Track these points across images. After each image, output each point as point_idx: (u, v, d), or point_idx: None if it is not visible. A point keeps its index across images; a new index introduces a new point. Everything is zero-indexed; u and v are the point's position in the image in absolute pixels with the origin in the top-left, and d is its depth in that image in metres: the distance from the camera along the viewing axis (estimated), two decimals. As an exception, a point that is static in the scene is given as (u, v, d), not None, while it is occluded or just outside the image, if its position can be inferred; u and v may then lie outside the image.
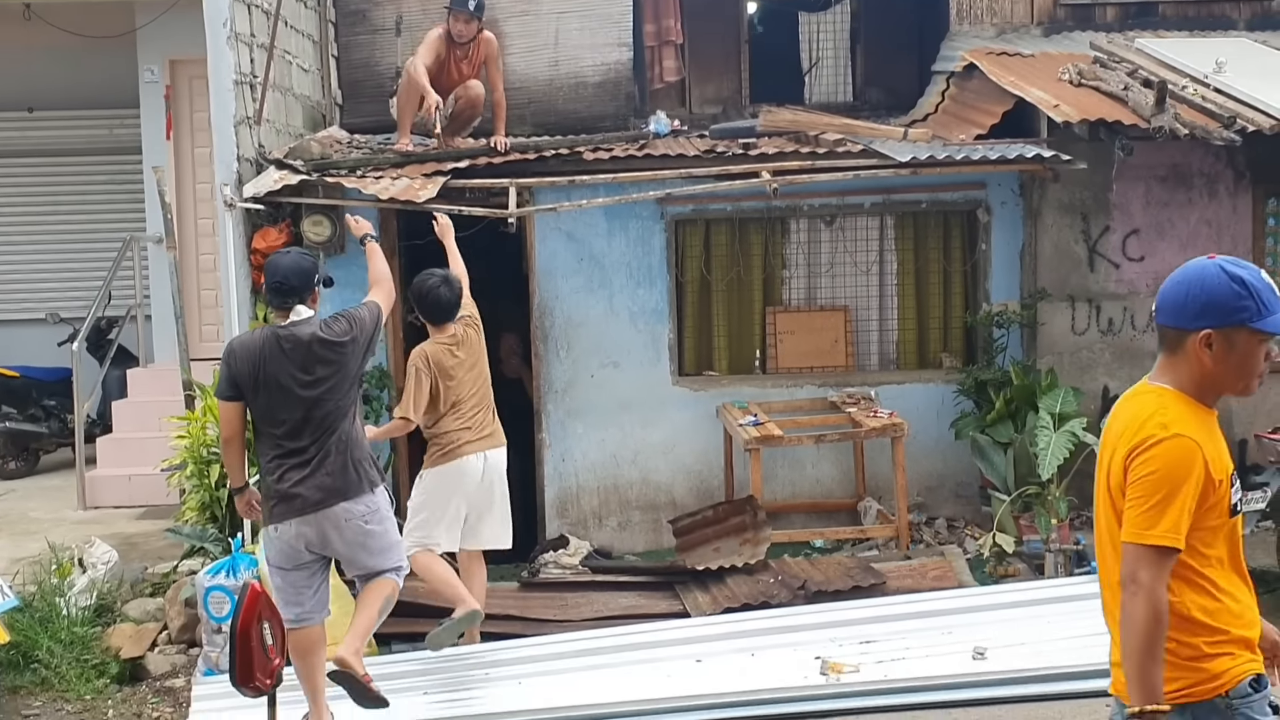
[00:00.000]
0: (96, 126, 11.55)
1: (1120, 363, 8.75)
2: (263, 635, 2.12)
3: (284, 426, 5.50)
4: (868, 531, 8.26)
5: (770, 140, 8.79)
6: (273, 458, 5.54)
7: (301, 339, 5.52)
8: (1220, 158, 8.63)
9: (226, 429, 5.62)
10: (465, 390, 6.64)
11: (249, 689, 2.14)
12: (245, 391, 5.51)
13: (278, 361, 5.47)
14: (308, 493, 5.48)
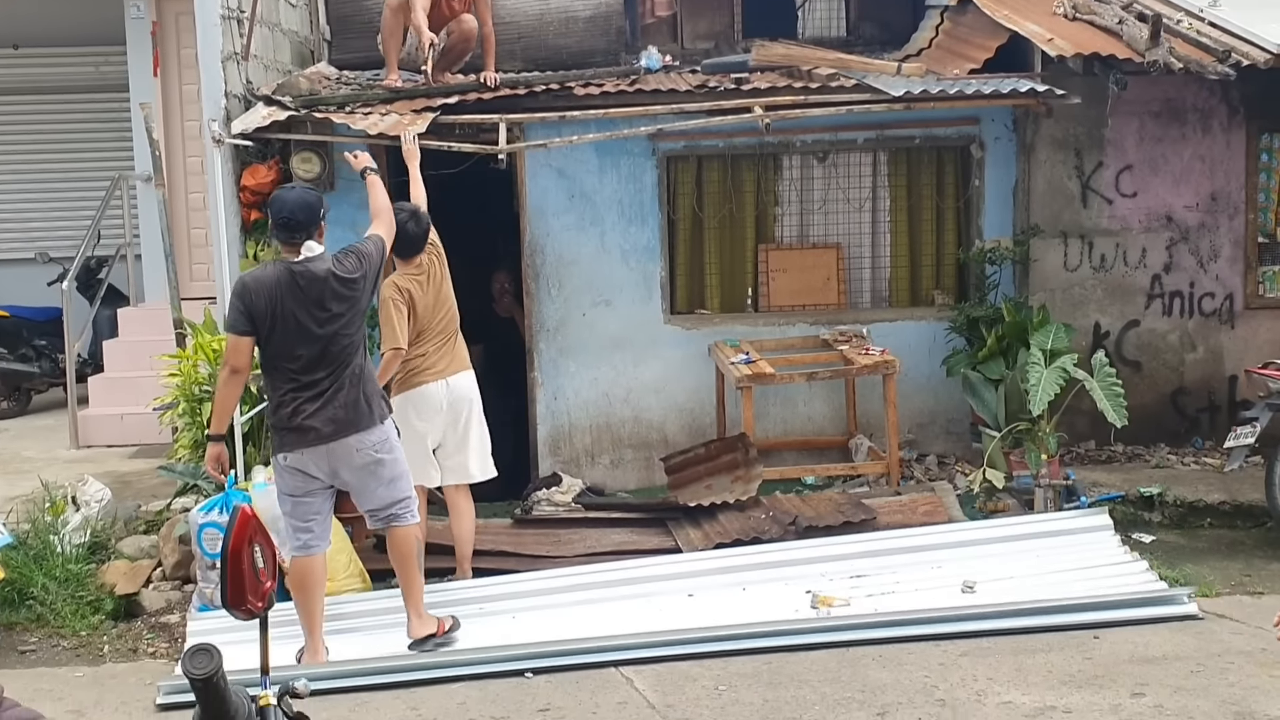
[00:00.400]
0: (83, 64, 11.45)
1: (1112, 299, 8.76)
2: (254, 557, 2.12)
3: (300, 362, 5.64)
4: (859, 468, 8.30)
5: (763, 75, 8.72)
6: (286, 391, 5.67)
7: (318, 275, 5.63)
8: (1214, 93, 8.58)
9: (235, 361, 5.69)
10: (429, 320, 6.69)
11: (240, 612, 2.14)
12: (259, 327, 5.61)
13: (294, 298, 5.58)
14: (320, 425, 5.63)
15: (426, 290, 6.69)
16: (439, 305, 6.75)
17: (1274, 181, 8.89)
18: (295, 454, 5.69)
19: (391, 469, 5.88)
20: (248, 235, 8.20)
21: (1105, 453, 8.64)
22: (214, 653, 2.01)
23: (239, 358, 5.67)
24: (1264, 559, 7.14)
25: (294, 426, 5.65)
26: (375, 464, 5.80)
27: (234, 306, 5.69)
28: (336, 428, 5.66)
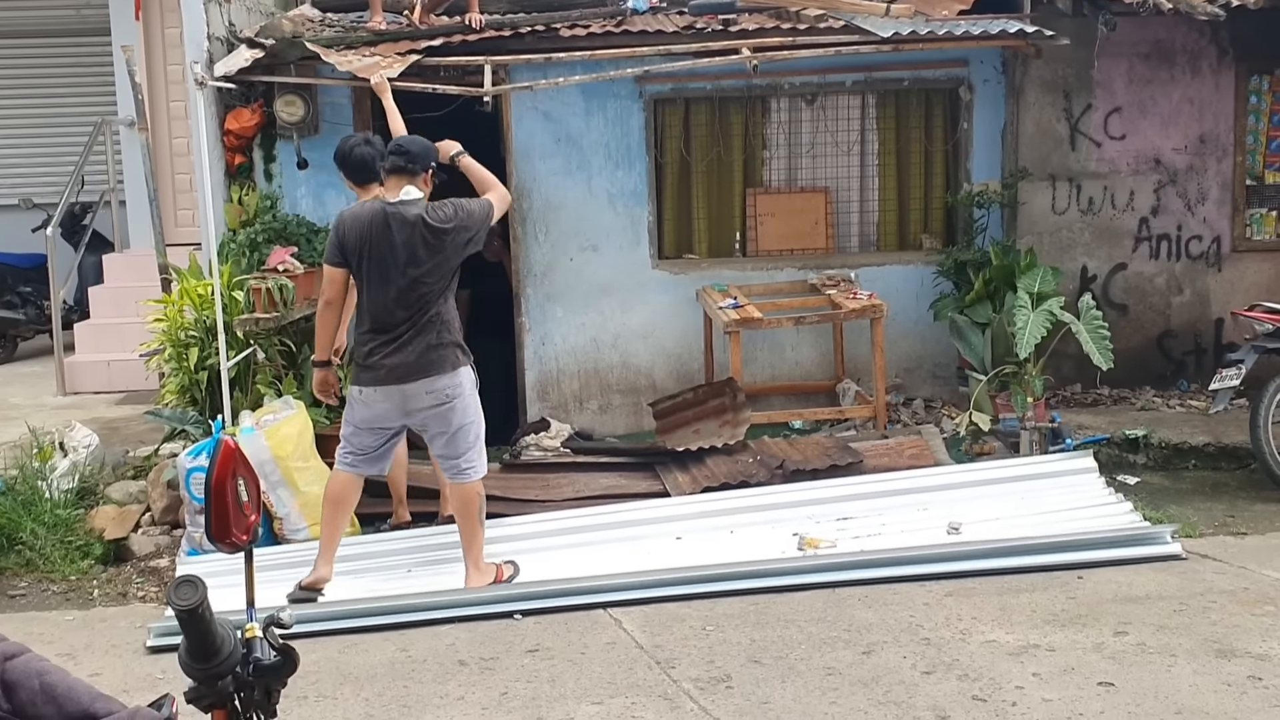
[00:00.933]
0: (64, 7, 11.34)
1: (1100, 242, 8.76)
2: (238, 491, 2.12)
3: (379, 302, 5.81)
4: (846, 412, 8.32)
5: (750, 16, 8.65)
6: (366, 329, 5.88)
7: (408, 219, 5.76)
8: (1204, 34, 8.54)
9: (328, 292, 5.96)
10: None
11: (225, 545, 2.15)
12: (350, 261, 5.83)
13: (384, 238, 5.75)
14: (391, 366, 5.80)
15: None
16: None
17: (1262, 123, 8.87)
18: (369, 390, 5.87)
19: (460, 417, 5.91)
20: (232, 180, 8.16)
21: (1091, 396, 8.67)
22: (198, 584, 2.02)
23: (332, 289, 5.94)
24: (1247, 500, 7.20)
25: (367, 364, 5.86)
26: (444, 408, 5.87)
27: (330, 239, 5.96)
28: (406, 371, 5.79)
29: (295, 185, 8.28)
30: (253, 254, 7.70)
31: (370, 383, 5.85)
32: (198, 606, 2.01)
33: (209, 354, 7.24)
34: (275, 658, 2.20)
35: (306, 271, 7.59)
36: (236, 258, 7.66)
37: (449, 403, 5.87)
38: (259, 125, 8.09)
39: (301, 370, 7.58)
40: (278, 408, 6.89)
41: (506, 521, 6.88)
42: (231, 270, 7.48)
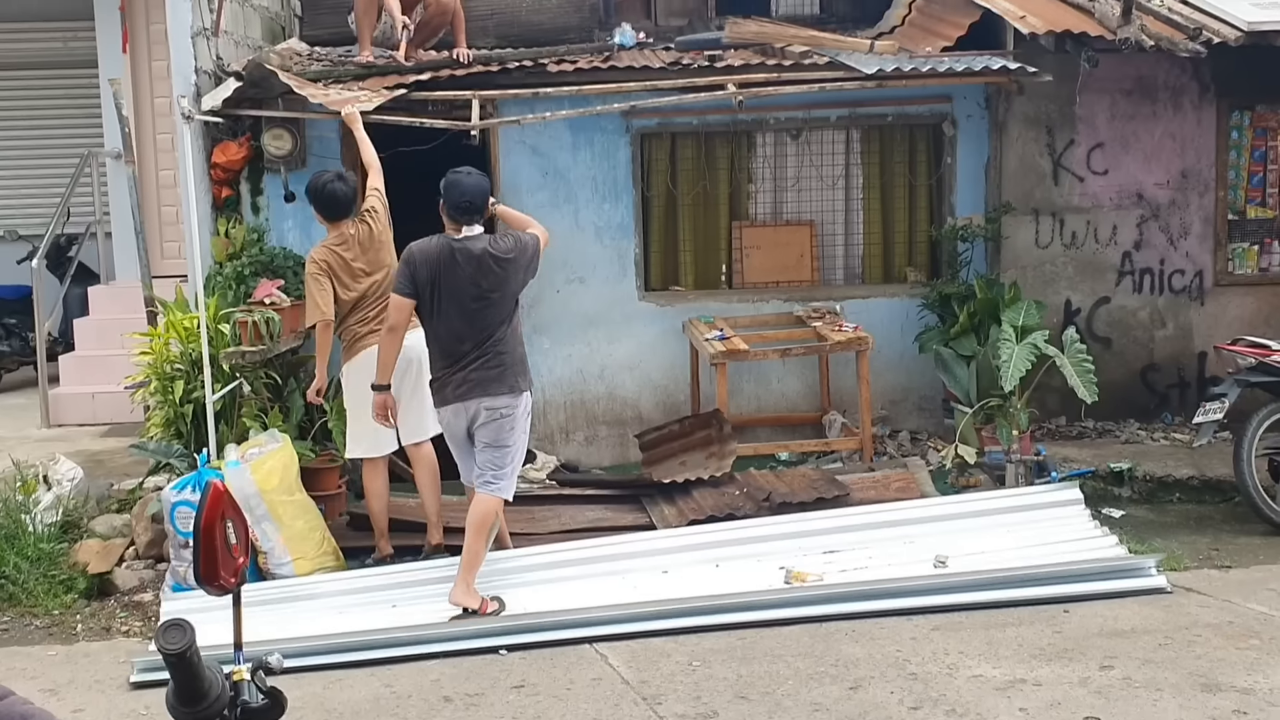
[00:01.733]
0: (51, 39, 11.34)
1: (1083, 276, 8.82)
2: (226, 533, 2.12)
3: (450, 330, 6.19)
4: (832, 444, 8.33)
5: (736, 52, 8.72)
6: (437, 354, 6.28)
7: (474, 253, 6.13)
8: (1185, 70, 8.63)
9: (394, 319, 6.27)
10: (365, 285, 6.82)
11: (213, 587, 2.14)
12: (421, 293, 6.16)
13: (453, 271, 6.10)
14: (455, 386, 6.21)
15: (351, 258, 6.80)
16: (373, 269, 6.85)
17: (1244, 159, 8.96)
18: (442, 410, 6.31)
19: (507, 436, 6.21)
20: (219, 212, 8.16)
21: (1076, 429, 8.71)
22: (187, 628, 2.01)
23: (399, 315, 6.23)
24: (1231, 533, 7.23)
25: (437, 387, 6.29)
26: (496, 423, 6.19)
27: (400, 272, 6.24)
28: (468, 389, 6.17)
29: (282, 218, 8.29)
30: (239, 287, 7.69)
31: (440, 404, 6.29)
32: (185, 650, 2.01)
33: (194, 387, 7.22)
34: (263, 701, 2.20)
35: (293, 304, 7.59)
36: (223, 290, 7.66)
37: (502, 420, 6.19)
38: (246, 159, 8.10)
39: (287, 403, 7.57)
40: (263, 441, 6.88)
41: (492, 555, 6.85)
42: (218, 303, 7.48)
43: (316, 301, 6.75)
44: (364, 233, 6.87)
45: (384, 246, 6.94)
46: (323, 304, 6.74)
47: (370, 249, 6.87)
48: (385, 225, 6.98)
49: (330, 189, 6.79)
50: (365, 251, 6.85)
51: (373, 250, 6.88)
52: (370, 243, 6.87)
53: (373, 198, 6.99)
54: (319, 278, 6.74)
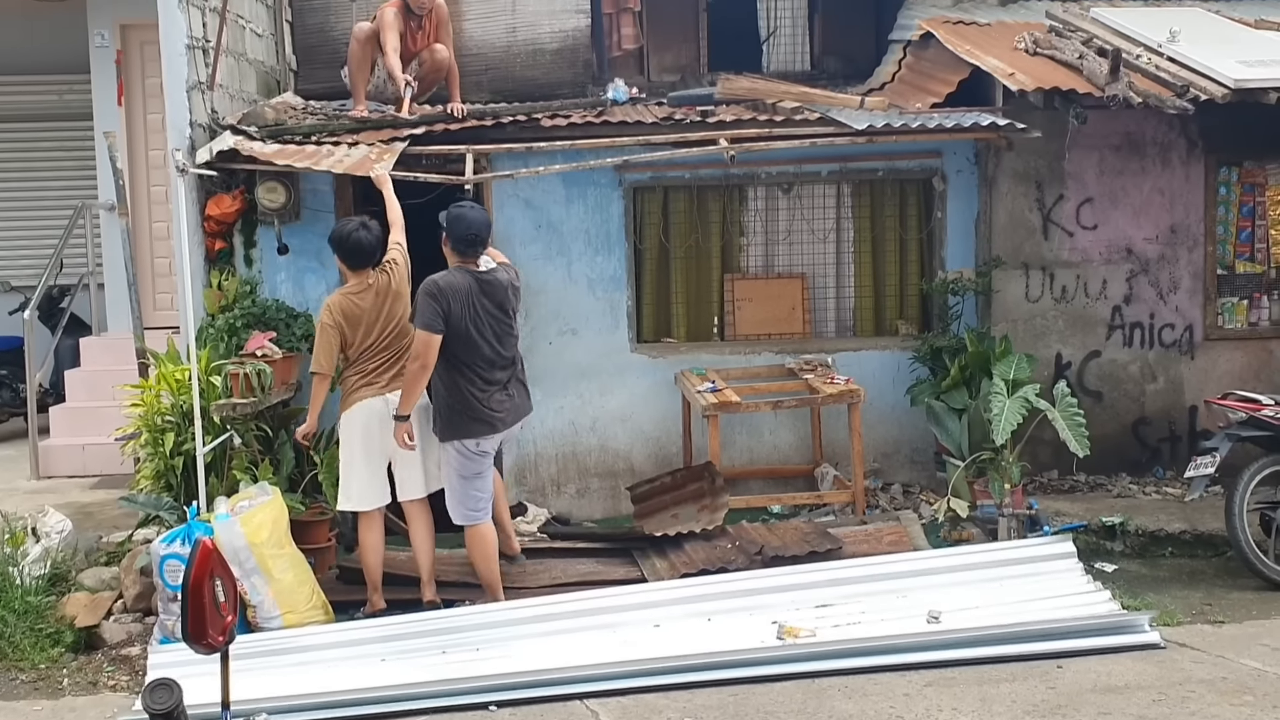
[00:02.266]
0: (46, 92, 11.39)
1: (1073, 330, 8.85)
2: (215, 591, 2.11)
3: (485, 360, 6.52)
4: (824, 497, 8.32)
5: (728, 108, 8.78)
6: (474, 386, 6.52)
7: (500, 282, 6.58)
8: (1173, 127, 8.71)
9: (426, 357, 6.44)
10: (372, 337, 6.85)
11: (201, 646, 2.13)
12: (451, 325, 6.39)
13: (482, 301, 6.46)
14: (505, 414, 6.65)
15: (369, 307, 6.84)
16: (384, 321, 6.87)
17: (1232, 214, 9.02)
18: (487, 440, 6.61)
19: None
20: (212, 265, 8.17)
21: (1068, 482, 8.70)
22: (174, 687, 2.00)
23: (430, 353, 6.42)
24: (1224, 588, 7.21)
25: (483, 418, 6.55)
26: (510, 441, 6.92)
27: (429, 307, 6.38)
28: (514, 415, 6.73)
29: (275, 270, 8.31)
30: (231, 339, 7.69)
31: (488, 433, 6.58)
32: (173, 710, 2.00)
33: (185, 439, 7.20)
34: (250, 760, 2.19)
35: (285, 356, 7.59)
36: (215, 342, 7.66)
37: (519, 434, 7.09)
38: (240, 211, 8.13)
39: (278, 456, 7.55)
40: (253, 494, 6.85)
41: (482, 608, 6.82)
42: (210, 355, 7.48)
43: (321, 353, 6.80)
44: (383, 283, 6.90)
45: (399, 299, 6.95)
46: (325, 358, 6.79)
47: (387, 300, 6.88)
48: (404, 279, 7.00)
49: (355, 237, 6.83)
50: (382, 302, 6.86)
51: (389, 302, 6.89)
52: (387, 294, 6.89)
53: (395, 250, 7.03)
54: (329, 329, 6.78)
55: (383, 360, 6.86)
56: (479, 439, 6.58)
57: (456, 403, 6.57)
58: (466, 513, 6.73)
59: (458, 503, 6.74)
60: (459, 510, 6.75)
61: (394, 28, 8.55)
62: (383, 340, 6.87)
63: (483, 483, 6.71)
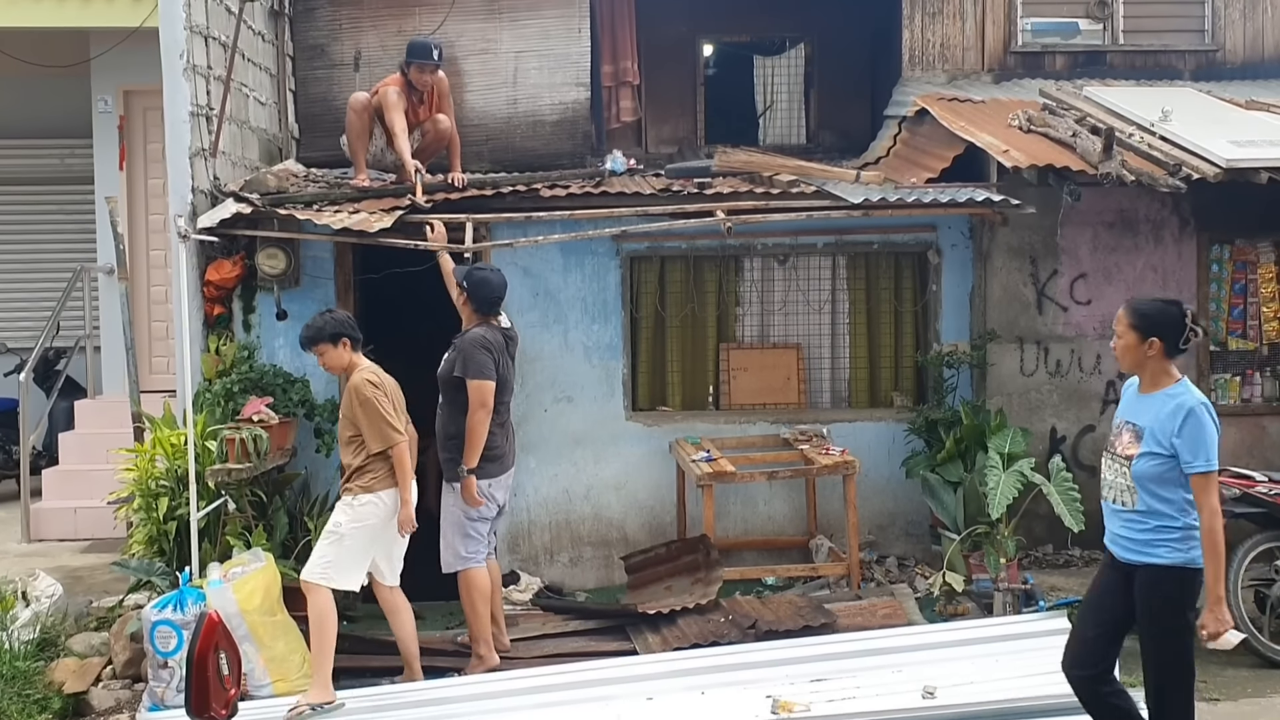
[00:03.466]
0: (48, 156, 11.49)
1: (1068, 404, 8.87)
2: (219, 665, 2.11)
3: (504, 403, 7.03)
4: (819, 569, 8.29)
5: (725, 180, 8.87)
6: (492, 426, 6.87)
7: (515, 337, 7.27)
8: (1166, 204, 8.80)
9: (490, 401, 6.82)
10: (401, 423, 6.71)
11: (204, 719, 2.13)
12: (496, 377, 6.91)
13: (508, 355, 7.05)
14: (509, 453, 7.17)
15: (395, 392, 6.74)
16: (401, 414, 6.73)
17: (1224, 291, 9.09)
18: (499, 477, 7.02)
19: None
20: (210, 329, 8.20)
21: (1063, 556, 8.69)
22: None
23: (491, 399, 6.84)
24: (1219, 665, 7.16)
25: (495, 456, 6.93)
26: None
27: (485, 359, 6.84)
28: (513, 455, 7.25)
29: (274, 336, 8.33)
30: (228, 404, 7.69)
31: (499, 472, 6.99)
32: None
33: (179, 504, 7.18)
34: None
35: (281, 422, 7.59)
36: (211, 407, 7.66)
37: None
38: (240, 276, 8.17)
39: (271, 521, 7.53)
40: (246, 560, 6.83)
41: (472, 679, 6.78)
42: (206, 420, 7.48)
43: (391, 420, 6.48)
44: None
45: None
46: (395, 423, 6.50)
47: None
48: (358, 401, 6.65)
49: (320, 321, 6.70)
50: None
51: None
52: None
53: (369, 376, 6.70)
54: (380, 398, 6.50)
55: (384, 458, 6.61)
56: (491, 479, 6.90)
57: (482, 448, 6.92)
58: (464, 556, 6.86)
59: (458, 545, 6.87)
60: (456, 555, 6.87)
61: (398, 108, 8.57)
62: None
63: (483, 526, 6.97)
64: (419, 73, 8.67)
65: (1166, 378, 5.01)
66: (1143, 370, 5.07)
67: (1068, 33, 10.35)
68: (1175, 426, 4.87)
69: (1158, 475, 4.94)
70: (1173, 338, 4.96)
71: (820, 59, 11.15)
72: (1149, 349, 4.98)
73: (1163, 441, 4.91)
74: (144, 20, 9.22)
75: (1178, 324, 4.97)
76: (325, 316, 6.73)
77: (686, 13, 10.87)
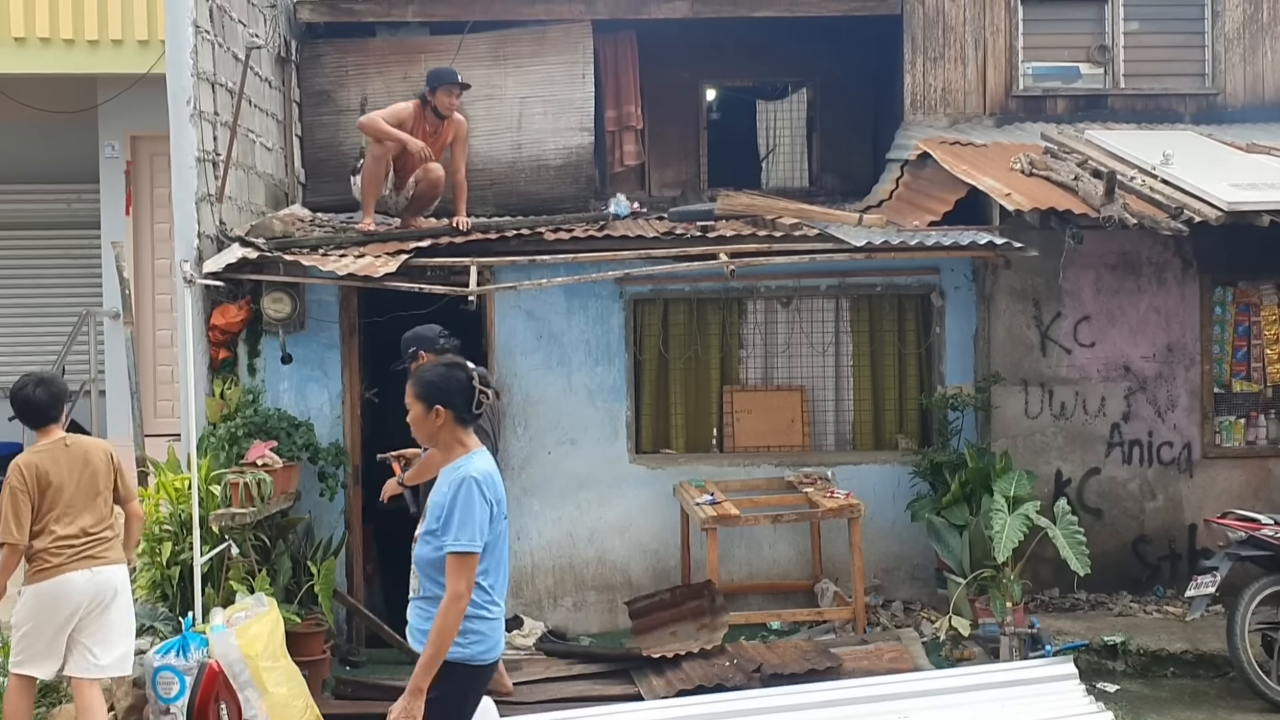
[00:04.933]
0: (55, 200, 11.56)
1: (1073, 446, 8.85)
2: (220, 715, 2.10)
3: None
4: (824, 613, 8.25)
5: (728, 223, 8.91)
6: None
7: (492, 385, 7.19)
8: (1168, 247, 8.81)
9: None
10: (71, 497, 6.05)
11: (204, 770, 2.12)
12: None
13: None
14: None
15: (66, 467, 6.07)
16: (89, 479, 6.12)
17: (1228, 334, 9.09)
18: None
19: None
20: (215, 373, 8.21)
21: (1069, 600, 8.65)
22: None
23: None
24: (1227, 709, 7.13)
25: None
26: None
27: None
28: None
29: (278, 380, 8.34)
30: (232, 448, 7.70)
31: None
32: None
33: (182, 549, 7.17)
34: None
35: (285, 466, 7.59)
36: (216, 451, 7.66)
37: None
38: (245, 321, 8.19)
39: (275, 566, 7.51)
40: (249, 605, 6.79)
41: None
42: (210, 464, 7.48)
43: (13, 521, 5.89)
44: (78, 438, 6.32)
45: (97, 452, 6.26)
46: (19, 524, 5.91)
47: (88, 452, 6.19)
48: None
49: (24, 396, 6.10)
50: (82, 457, 6.14)
51: (91, 453, 6.19)
52: (86, 446, 6.23)
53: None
54: (19, 494, 5.94)
55: (89, 522, 6.07)
56: None
57: None
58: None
59: None
60: None
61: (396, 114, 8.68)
62: (84, 498, 6.09)
63: None
64: (446, 96, 8.74)
65: (459, 448, 4.53)
66: (436, 442, 4.58)
67: (1069, 77, 10.41)
68: (447, 501, 4.40)
69: (432, 558, 4.43)
70: (460, 404, 4.50)
71: (822, 103, 11.23)
72: (436, 419, 4.49)
73: (440, 518, 4.41)
74: (151, 66, 9.32)
75: (465, 389, 4.51)
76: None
77: (689, 58, 10.96)
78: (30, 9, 9.64)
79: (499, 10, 10.27)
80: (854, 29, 10.58)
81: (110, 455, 6.27)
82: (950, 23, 10.21)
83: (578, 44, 10.18)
